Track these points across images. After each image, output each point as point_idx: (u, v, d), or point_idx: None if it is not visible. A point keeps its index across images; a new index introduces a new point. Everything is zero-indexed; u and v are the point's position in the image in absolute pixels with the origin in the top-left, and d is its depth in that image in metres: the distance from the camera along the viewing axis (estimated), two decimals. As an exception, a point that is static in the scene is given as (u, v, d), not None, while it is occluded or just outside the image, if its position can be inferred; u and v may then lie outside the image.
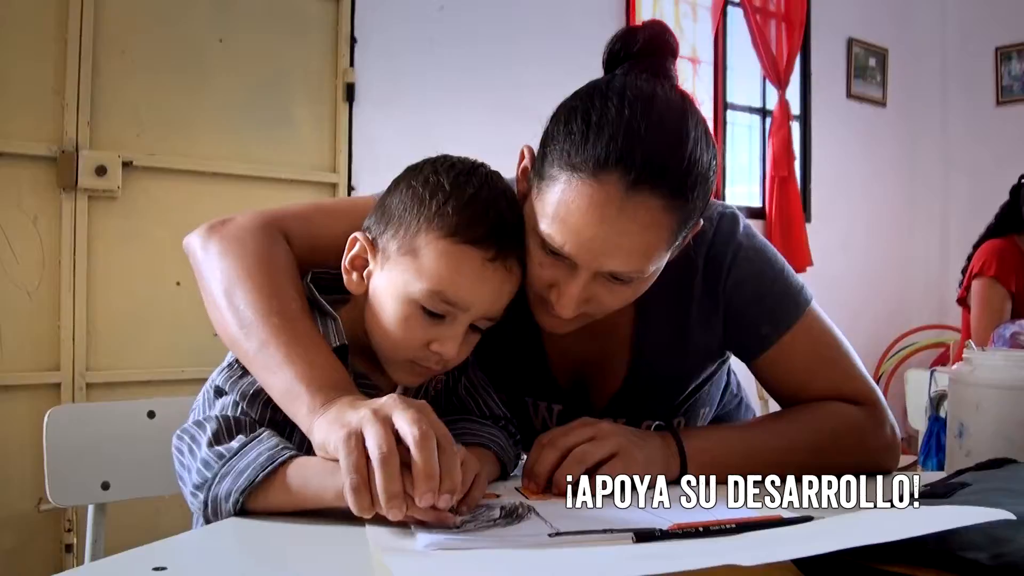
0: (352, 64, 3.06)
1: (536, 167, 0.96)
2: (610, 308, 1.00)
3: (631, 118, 0.89)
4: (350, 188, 3.04)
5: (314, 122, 2.99)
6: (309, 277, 1.01)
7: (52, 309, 2.47)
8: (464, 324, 0.93)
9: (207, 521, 0.83)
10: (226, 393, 0.93)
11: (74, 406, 2.09)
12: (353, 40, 3.07)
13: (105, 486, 1.29)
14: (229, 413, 0.90)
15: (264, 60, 2.86)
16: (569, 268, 0.94)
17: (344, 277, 0.98)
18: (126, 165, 2.56)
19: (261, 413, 0.91)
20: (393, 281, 0.93)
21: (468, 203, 0.91)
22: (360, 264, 0.98)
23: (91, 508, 1.29)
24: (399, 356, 0.95)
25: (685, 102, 0.95)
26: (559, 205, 0.90)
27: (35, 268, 2.45)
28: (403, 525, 0.77)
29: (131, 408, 1.35)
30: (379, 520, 0.77)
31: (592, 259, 0.91)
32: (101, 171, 2.50)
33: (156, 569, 0.65)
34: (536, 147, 0.98)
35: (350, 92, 3.04)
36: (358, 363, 0.98)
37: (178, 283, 2.62)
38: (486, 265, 0.91)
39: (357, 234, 0.98)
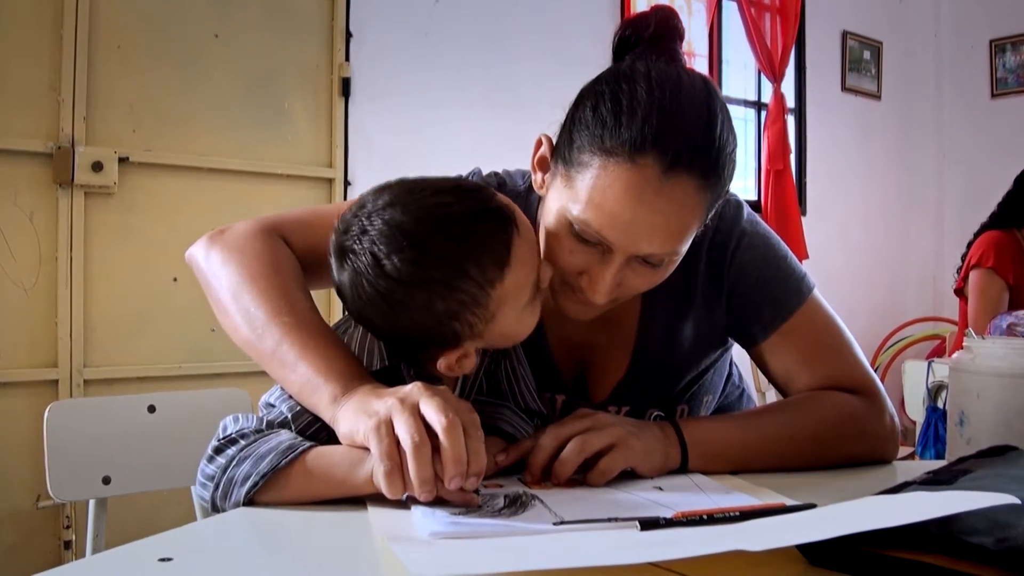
0: (348, 59, 3.06)
1: (561, 154, 0.96)
2: (637, 292, 1.00)
3: (662, 100, 0.89)
4: (346, 183, 3.04)
5: (310, 117, 2.99)
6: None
7: (49, 306, 2.47)
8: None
9: (213, 507, 0.84)
10: (274, 407, 0.94)
11: (74, 401, 2.09)
12: (348, 35, 3.07)
13: (106, 481, 1.29)
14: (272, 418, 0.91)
15: (260, 55, 2.86)
16: (602, 253, 0.94)
17: None
18: (122, 161, 2.56)
19: (305, 427, 0.90)
20: None
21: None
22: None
23: (92, 503, 1.29)
24: None
25: (708, 84, 0.95)
26: (594, 190, 0.90)
27: (32, 265, 2.45)
28: (405, 508, 0.78)
29: (131, 403, 1.36)
30: (382, 505, 0.79)
31: (630, 243, 0.91)
32: (97, 167, 2.49)
33: (162, 560, 0.65)
34: (551, 136, 0.98)
35: (346, 87, 3.04)
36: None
37: (175, 279, 2.62)
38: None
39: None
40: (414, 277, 0.84)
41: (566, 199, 0.94)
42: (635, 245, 0.92)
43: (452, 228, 0.85)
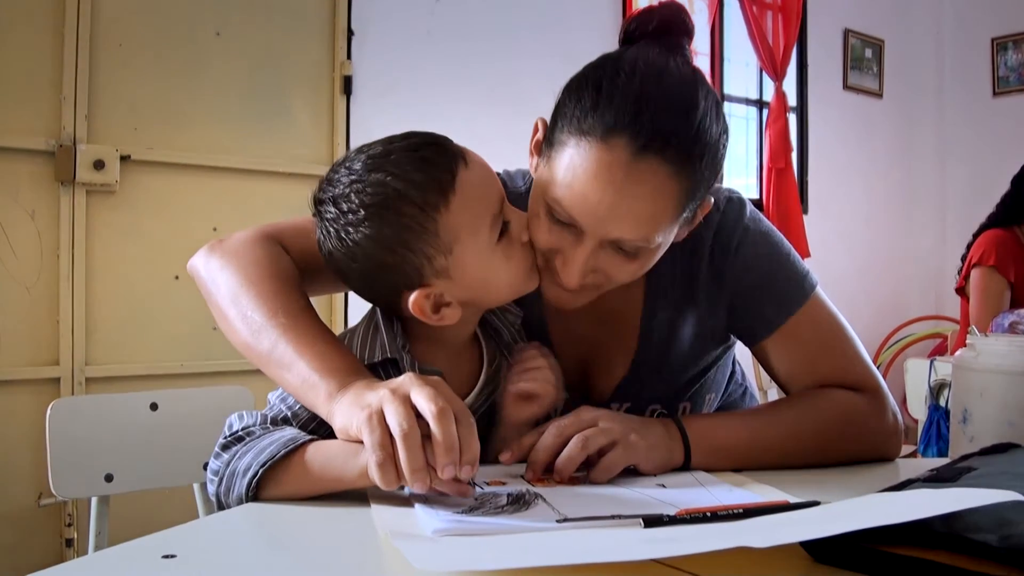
0: (349, 57, 3.06)
1: (547, 136, 0.97)
2: (616, 282, 1.00)
3: (641, 85, 0.89)
4: (348, 181, 3.03)
5: (311, 115, 2.99)
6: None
7: (51, 304, 2.47)
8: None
9: (218, 503, 0.84)
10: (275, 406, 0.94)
11: (77, 398, 2.09)
12: (350, 33, 3.07)
13: (108, 478, 1.29)
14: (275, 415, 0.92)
15: (261, 53, 2.86)
16: (575, 236, 0.94)
17: None
18: (124, 159, 2.56)
19: (303, 424, 0.91)
20: None
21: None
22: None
23: (94, 500, 1.29)
24: None
25: (696, 75, 0.95)
26: (567, 170, 0.91)
27: (33, 263, 2.45)
28: (407, 505, 0.78)
29: (134, 400, 1.35)
30: (384, 502, 0.79)
31: (598, 224, 0.91)
32: (99, 165, 2.49)
33: (166, 556, 0.65)
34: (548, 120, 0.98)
35: (347, 85, 3.04)
36: (434, 360, 0.97)
37: (176, 277, 2.62)
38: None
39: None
40: (360, 207, 0.88)
41: (544, 179, 0.95)
42: (604, 228, 0.92)
43: (393, 158, 0.89)
